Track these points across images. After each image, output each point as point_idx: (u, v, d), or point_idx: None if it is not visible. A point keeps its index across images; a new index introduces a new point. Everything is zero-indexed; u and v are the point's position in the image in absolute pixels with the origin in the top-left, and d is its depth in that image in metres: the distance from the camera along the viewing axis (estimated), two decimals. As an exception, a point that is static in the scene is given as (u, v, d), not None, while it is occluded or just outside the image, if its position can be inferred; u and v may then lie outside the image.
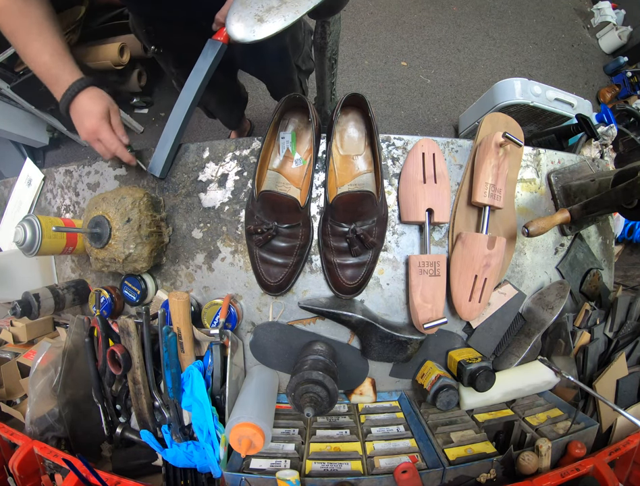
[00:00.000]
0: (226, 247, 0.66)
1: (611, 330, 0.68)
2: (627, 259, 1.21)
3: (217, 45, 0.63)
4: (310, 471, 0.51)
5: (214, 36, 0.63)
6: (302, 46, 0.95)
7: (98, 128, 0.59)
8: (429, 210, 0.60)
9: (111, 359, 0.58)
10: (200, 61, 0.64)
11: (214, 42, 0.63)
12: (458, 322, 0.67)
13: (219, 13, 0.60)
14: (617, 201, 0.54)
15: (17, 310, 0.63)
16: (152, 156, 0.66)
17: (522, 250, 0.68)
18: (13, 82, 1.44)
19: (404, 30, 2.03)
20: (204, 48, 0.63)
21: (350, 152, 0.65)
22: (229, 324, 0.61)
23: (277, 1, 0.50)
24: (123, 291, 0.67)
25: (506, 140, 0.57)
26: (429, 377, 0.62)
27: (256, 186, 0.58)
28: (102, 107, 0.59)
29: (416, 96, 1.90)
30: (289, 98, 0.61)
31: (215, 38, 0.63)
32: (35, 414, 0.60)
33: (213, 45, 0.63)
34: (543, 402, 0.65)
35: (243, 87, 1.29)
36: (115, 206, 0.60)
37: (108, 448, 0.65)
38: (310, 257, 0.64)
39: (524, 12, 2.18)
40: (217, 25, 0.62)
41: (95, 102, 0.59)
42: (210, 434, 0.53)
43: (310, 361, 0.55)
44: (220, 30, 0.62)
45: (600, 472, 0.49)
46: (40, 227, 0.59)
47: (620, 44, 2.12)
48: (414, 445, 0.57)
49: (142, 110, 1.91)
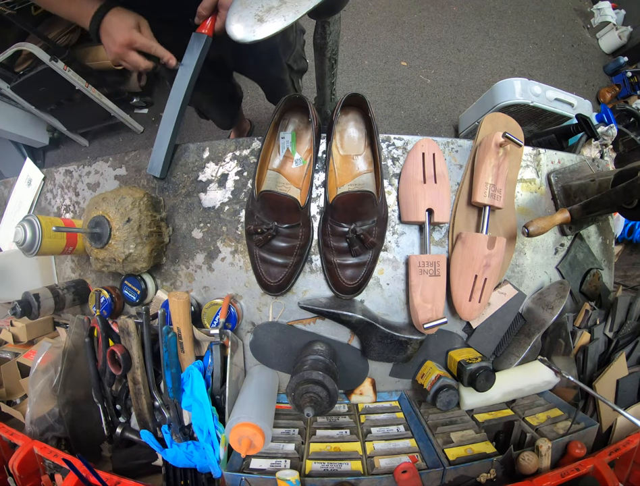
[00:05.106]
0: (226, 247, 0.66)
1: (611, 330, 0.68)
2: (627, 259, 1.21)
3: (202, 38, 0.62)
4: (310, 471, 0.51)
5: (198, 29, 0.62)
6: (293, 45, 0.94)
7: (131, 37, 0.60)
8: (429, 210, 0.60)
9: (111, 359, 0.58)
10: (187, 57, 0.63)
11: (198, 36, 0.62)
12: (458, 322, 0.67)
13: (201, 5, 0.59)
14: (617, 201, 0.54)
15: (17, 310, 0.63)
16: (150, 157, 0.66)
17: (522, 250, 0.68)
18: (13, 82, 1.44)
19: (404, 30, 2.03)
20: (189, 43, 0.62)
21: (350, 152, 0.65)
22: (229, 324, 0.61)
23: (277, 1, 0.50)
24: (123, 291, 0.67)
25: (506, 140, 0.57)
26: (429, 377, 0.62)
27: (256, 186, 0.58)
28: (132, 20, 0.61)
29: (416, 96, 1.90)
30: (289, 98, 0.61)
31: (199, 32, 0.62)
32: (35, 414, 0.60)
33: (198, 39, 0.62)
34: (543, 402, 0.65)
35: (239, 87, 1.27)
36: (115, 206, 0.60)
37: (108, 448, 0.65)
38: (310, 257, 0.64)
39: (524, 12, 2.18)
40: (200, 18, 0.61)
41: (123, 18, 0.60)
42: (210, 434, 0.53)
43: (310, 361, 0.55)
44: (203, 22, 0.62)
45: (600, 472, 0.49)
46: (40, 227, 0.59)
47: (620, 44, 2.12)
48: (414, 445, 0.56)
49: (142, 110, 1.91)
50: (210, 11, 0.60)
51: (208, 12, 0.60)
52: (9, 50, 1.32)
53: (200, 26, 0.62)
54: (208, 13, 0.60)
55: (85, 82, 1.48)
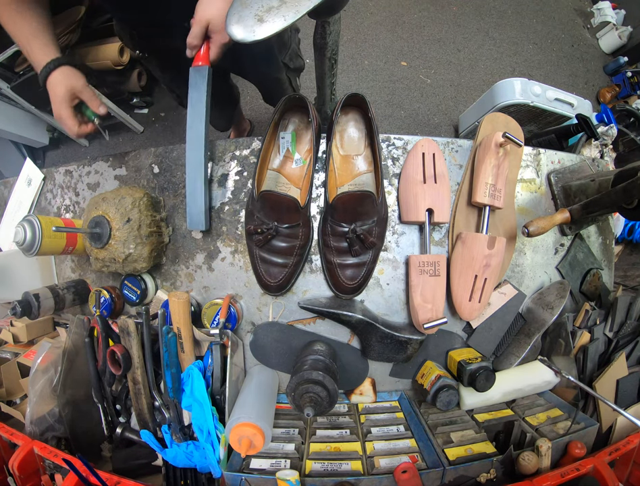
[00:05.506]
0: (226, 247, 0.66)
1: (611, 330, 0.68)
2: (627, 259, 1.21)
3: (203, 70, 0.57)
4: (310, 471, 0.51)
5: (194, 62, 0.58)
6: (288, 44, 0.94)
7: (59, 113, 0.62)
8: (429, 210, 0.60)
9: (111, 359, 0.58)
10: (193, 94, 0.58)
11: (198, 69, 0.57)
12: (458, 322, 0.67)
13: (190, 35, 0.55)
14: (617, 201, 0.54)
15: (17, 310, 0.63)
16: (187, 212, 0.61)
17: (522, 250, 0.68)
18: (13, 82, 1.44)
19: (404, 30, 2.03)
20: (191, 79, 0.58)
21: (350, 152, 0.65)
22: (229, 324, 0.61)
23: (277, 1, 0.50)
24: (123, 291, 0.67)
25: (506, 140, 0.57)
26: (429, 377, 0.62)
27: (256, 186, 0.58)
28: (65, 90, 0.61)
29: (416, 96, 1.90)
30: (290, 98, 0.61)
31: (196, 65, 0.58)
32: (35, 414, 0.60)
33: (199, 72, 0.57)
34: (543, 402, 0.65)
35: (236, 87, 1.26)
36: (115, 206, 0.60)
37: (108, 448, 0.65)
38: (310, 257, 0.64)
39: (524, 12, 2.18)
40: (192, 49, 0.57)
41: (60, 84, 0.61)
42: (210, 434, 0.53)
43: (310, 361, 0.55)
44: (197, 54, 0.58)
45: (600, 472, 0.49)
46: (40, 227, 0.59)
47: (620, 44, 2.12)
48: (414, 445, 0.57)
49: (142, 110, 1.91)
50: (202, 39, 0.56)
51: (199, 41, 0.56)
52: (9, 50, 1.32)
53: (194, 59, 0.58)
54: (200, 41, 0.56)
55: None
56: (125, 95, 1.76)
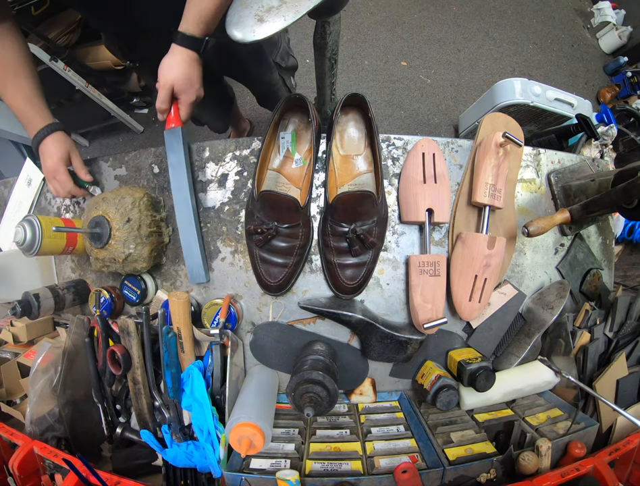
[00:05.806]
0: (226, 247, 0.66)
1: (611, 330, 0.68)
2: (627, 259, 1.21)
3: (177, 132, 0.60)
4: (310, 471, 0.51)
5: (166, 126, 0.60)
6: (278, 43, 0.94)
7: (56, 169, 0.64)
8: (429, 210, 0.60)
9: (111, 359, 0.58)
10: (171, 157, 0.61)
11: (172, 131, 0.60)
12: (458, 322, 0.67)
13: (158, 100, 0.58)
14: (617, 201, 0.54)
15: (17, 310, 0.63)
16: (186, 267, 0.64)
17: (522, 250, 0.68)
18: (13, 82, 1.44)
19: (404, 30, 2.03)
20: (167, 143, 0.61)
21: (350, 152, 0.65)
22: (229, 324, 0.61)
23: (277, 1, 0.51)
24: (123, 291, 0.67)
25: (506, 140, 0.57)
26: (429, 377, 0.62)
27: (256, 186, 0.58)
28: (63, 151, 0.64)
29: (416, 96, 1.90)
30: (289, 98, 0.61)
31: (169, 127, 0.60)
32: (35, 414, 0.60)
33: (173, 134, 0.60)
34: (543, 402, 0.65)
35: (230, 88, 1.25)
36: (115, 206, 0.60)
37: (108, 448, 0.65)
38: (310, 257, 0.64)
39: (524, 12, 2.19)
40: (163, 113, 0.59)
41: (57, 146, 0.64)
42: (210, 434, 0.53)
43: (310, 361, 0.55)
44: (167, 117, 0.60)
45: (600, 472, 0.49)
46: (40, 227, 0.59)
47: (620, 44, 2.12)
48: (414, 445, 0.57)
49: (142, 110, 1.91)
50: (169, 102, 0.58)
51: (167, 104, 0.58)
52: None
53: (167, 122, 0.60)
54: (168, 105, 0.59)
55: (85, 82, 1.48)
56: (125, 95, 1.76)
